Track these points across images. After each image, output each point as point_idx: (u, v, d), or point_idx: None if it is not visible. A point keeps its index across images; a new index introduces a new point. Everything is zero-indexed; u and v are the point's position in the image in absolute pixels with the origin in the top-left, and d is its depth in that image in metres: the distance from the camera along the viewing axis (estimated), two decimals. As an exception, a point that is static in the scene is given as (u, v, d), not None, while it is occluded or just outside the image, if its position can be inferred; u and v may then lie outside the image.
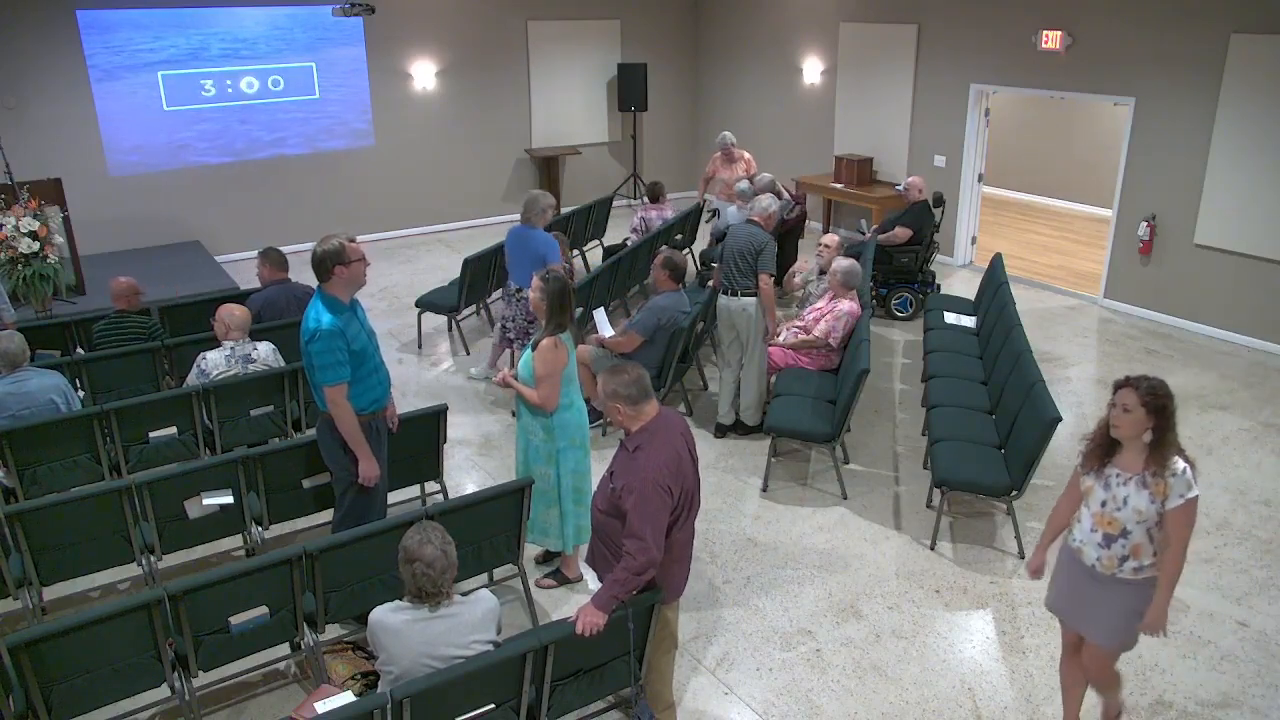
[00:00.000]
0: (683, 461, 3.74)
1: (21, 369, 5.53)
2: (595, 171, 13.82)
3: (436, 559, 3.25)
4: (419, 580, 3.26)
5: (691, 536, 3.95)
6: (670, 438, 3.74)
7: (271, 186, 11.85)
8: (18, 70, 10.24)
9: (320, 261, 4.42)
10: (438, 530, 3.33)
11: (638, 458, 3.66)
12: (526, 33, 13.04)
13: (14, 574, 4.57)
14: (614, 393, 3.72)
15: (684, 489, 3.72)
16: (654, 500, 3.59)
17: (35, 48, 10.30)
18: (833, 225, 12.34)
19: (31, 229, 8.22)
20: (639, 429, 3.73)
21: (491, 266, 8.90)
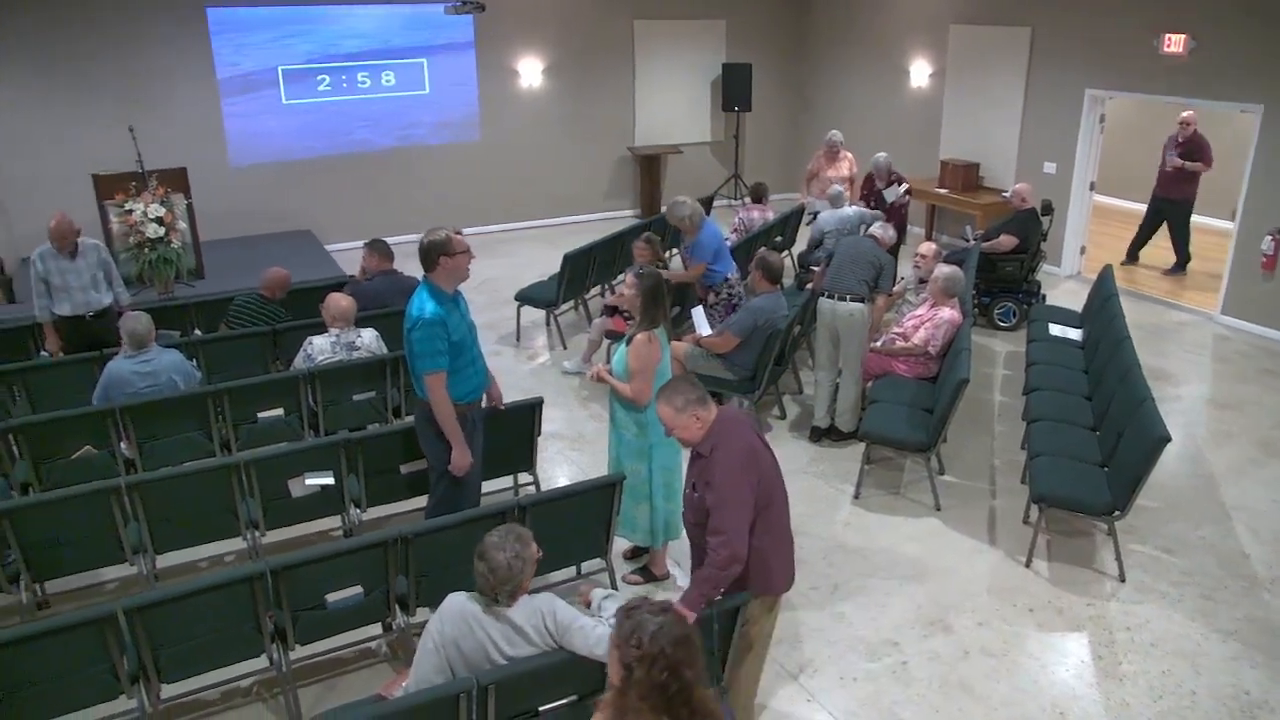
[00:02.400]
0: (758, 451, 3.73)
1: (148, 349, 5.82)
2: (696, 171, 13.83)
3: (500, 568, 3.26)
4: (480, 578, 3.32)
5: (784, 531, 3.91)
6: (739, 431, 3.73)
7: (380, 179, 12.19)
8: (151, 65, 10.77)
9: (426, 252, 4.54)
10: (519, 540, 3.33)
11: (713, 459, 3.67)
12: (632, 32, 13.13)
13: (131, 541, 4.82)
14: (685, 404, 3.71)
15: (763, 476, 3.70)
16: (734, 495, 3.59)
17: (168, 43, 10.82)
18: (935, 231, 12.10)
19: (158, 215, 8.64)
20: (708, 434, 3.73)
21: (590, 263, 8.99)
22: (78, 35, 10.41)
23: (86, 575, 5.18)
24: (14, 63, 10.26)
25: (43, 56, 10.34)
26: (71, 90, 10.49)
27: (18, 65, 10.28)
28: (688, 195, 7.77)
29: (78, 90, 10.51)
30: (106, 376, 5.77)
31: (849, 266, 6.67)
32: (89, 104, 10.49)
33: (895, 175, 9.74)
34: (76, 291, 6.88)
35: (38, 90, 10.40)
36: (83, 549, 4.79)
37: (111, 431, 5.57)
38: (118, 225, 8.75)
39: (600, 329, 8.01)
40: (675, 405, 3.72)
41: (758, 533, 3.68)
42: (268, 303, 7.03)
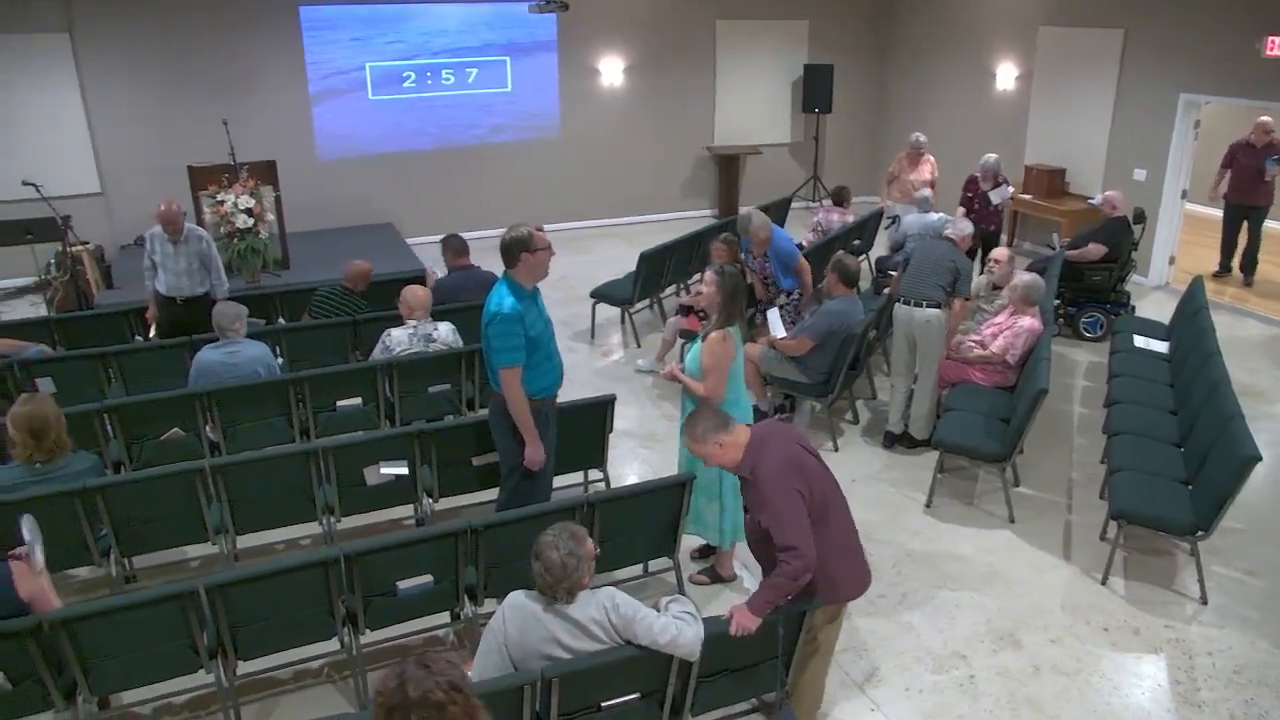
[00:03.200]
0: (802, 459, 3.70)
1: (235, 339, 6.01)
2: (775, 172, 13.75)
3: (554, 566, 3.29)
4: (537, 578, 3.35)
5: (845, 540, 3.87)
6: (779, 445, 3.71)
7: (460, 174, 12.38)
8: (246, 61, 11.12)
9: (508, 248, 4.59)
10: (573, 538, 3.34)
11: (756, 479, 3.66)
12: (714, 32, 13.11)
13: (213, 521, 4.98)
14: (704, 432, 3.72)
15: (812, 486, 3.67)
16: (786, 508, 3.57)
17: (262, 41, 11.17)
18: (1018, 238, 11.85)
19: (248, 206, 8.90)
20: (744, 455, 3.71)
21: (667, 262, 9.01)
22: (177, 33, 10.79)
23: (171, 552, 5.37)
24: (116, 59, 10.68)
25: (143, 53, 10.75)
26: (170, 86, 10.88)
27: (120, 61, 10.70)
28: (753, 207, 7.70)
29: (176, 85, 10.89)
30: (195, 366, 5.99)
31: (925, 271, 6.58)
32: (186, 99, 10.87)
33: (1002, 177, 9.56)
34: (171, 275, 7.14)
35: (138, 85, 10.81)
36: (168, 527, 4.97)
37: (199, 415, 5.76)
38: (210, 215, 9.04)
39: (674, 328, 8.03)
40: (694, 435, 3.74)
41: (818, 540, 3.65)
42: (349, 294, 7.19)
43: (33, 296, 10.32)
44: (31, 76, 10.40)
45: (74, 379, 6.42)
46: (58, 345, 7.27)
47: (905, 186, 10.15)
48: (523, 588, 3.51)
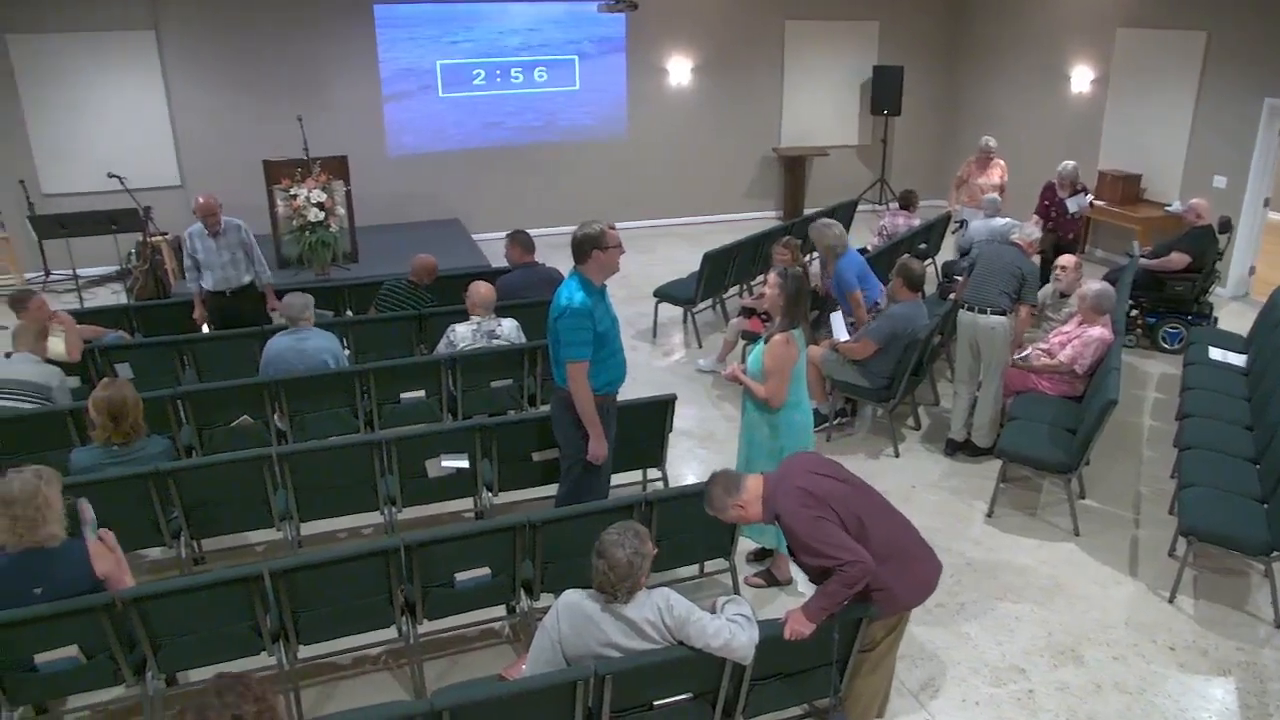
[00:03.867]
0: (813, 489, 3.64)
1: (303, 327, 6.14)
2: (841, 174, 13.64)
3: (620, 565, 3.30)
4: (599, 575, 3.36)
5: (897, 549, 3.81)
6: (788, 482, 3.68)
7: (527, 171, 12.49)
8: (321, 59, 11.36)
9: (580, 244, 4.62)
10: (637, 537, 3.36)
11: (783, 523, 3.65)
12: (783, 32, 13.04)
13: (279, 507, 5.09)
14: (719, 498, 3.72)
15: (835, 507, 3.62)
16: (819, 533, 3.55)
17: (337, 39, 11.41)
18: (1089, 245, 11.59)
19: (319, 200, 9.09)
20: (763, 506, 3.70)
21: (730, 263, 8.99)
22: (256, 31, 11.07)
23: (237, 536, 5.51)
24: (198, 56, 10.99)
25: (224, 51, 11.05)
26: (248, 82, 11.16)
27: (201, 58, 11.01)
28: (830, 220, 7.56)
29: (253, 82, 11.17)
30: (266, 352, 6.14)
31: (990, 277, 6.46)
32: (263, 94, 11.14)
33: (1081, 185, 9.37)
34: (217, 268, 7.30)
35: (218, 82, 11.11)
36: (236, 511, 5.10)
37: (267, 403, 5.89)
38: (283, 208, 9.25)
39: (736, 329, 8.01)
40: (713, 507, 3.75)
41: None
42: (416, 288, 7.30)
43: (114, 285, 10.67)
44: (119, 72, 10.76)
45: (150, 365, 6.62)
46: (136, 332, 7.51)
47: (974, 191, 10.00)
48: (578, 584, 3.54)
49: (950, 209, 10.56)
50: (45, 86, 10.56)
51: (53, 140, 10.72)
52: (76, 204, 10.14)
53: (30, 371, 5.74)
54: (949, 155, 13.75)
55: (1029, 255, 6.71)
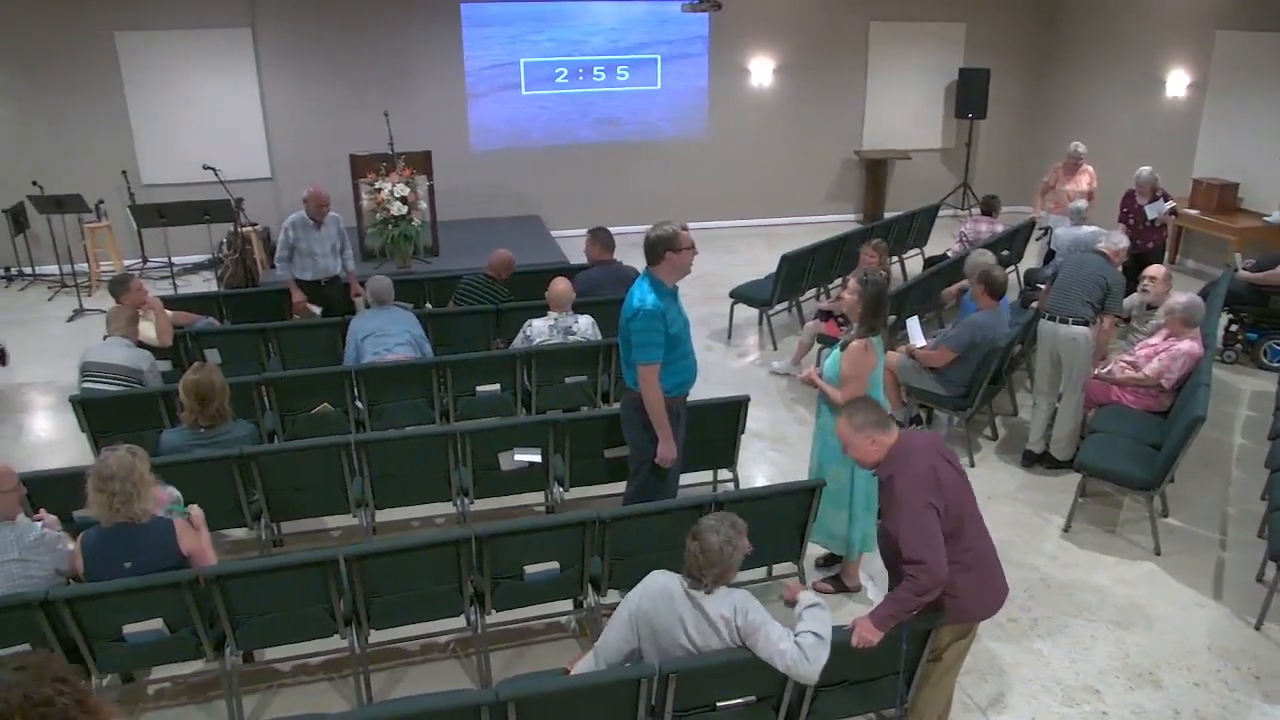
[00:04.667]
0: (941, 474, 3.60)
1: (388, 307, 6.32)
2: (923, 178, 13.43)
3: (712, 550, 3.32)
4: (690, 558, 3.38)
5: (978, 558, 3.76)
6: (921, 455, 3.62)
7: (607, 170, 12.57)
8: (408, 55, 11.60)
9: (653, 246, 4.63)
10: (734, 528, 3.37)
11: (893, 485, 3.59)
12: (868, 33, 12.89)
13: (355, 494, 5.21)
14: (863, 424, 3.67)
15: (949, 501, 3.58)
16: (917, 520, 3.49)
17: (424, 36, 11.63)
18: (1180, 255, 11.23)
19: (403, 194, 9.26)
20: (887, 458, 3.66)
21: (808, 265, 8.92)
22: (347, 28, 11.35)
23: (315, 521, 5.65)
24: (291, 53, 11.31)
25: (316, 47, 11.35)
26: (338, 78, 11.45)
27: (294, 55, 11.33)
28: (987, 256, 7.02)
29: (343, 78, 11.45)
30: (353, 329, 6.31)
31: (1073, 287, 6.30)
32: (351, 90, 11.41)
33: (1161, 191, 9.09)
34: (319, 258, 7.49)
35: (309, 78, 11.41)
36: (314, 496, 5.23)
37: (347, 392, 6.03)
38: (367, 202, 9.45)
39: (812, 332, 7.95)
40: (854, 424, 3.69)
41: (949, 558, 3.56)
42: (492, 282, 7.39)
43: (206, 273, 11.03)
44: (216, 68, 11.14)
45: (238, 351, 6.83)
46: (225, 319, 7.74)
47: (1061, 197, 9.75)
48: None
49: (1035, 215, 10.32)
50: (148, 81, 10.98)
51: (153, 133, 11.14)
52: (173, 194, 10.49)
53: (122, 356, 5.96)
54: (1034, 160, 13.43)
55: (1114, 264, 6.53)
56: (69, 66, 10.76)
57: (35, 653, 2.43)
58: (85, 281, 10.50)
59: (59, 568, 3.95)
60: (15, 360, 8.01)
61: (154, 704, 4.46)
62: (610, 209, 12.04)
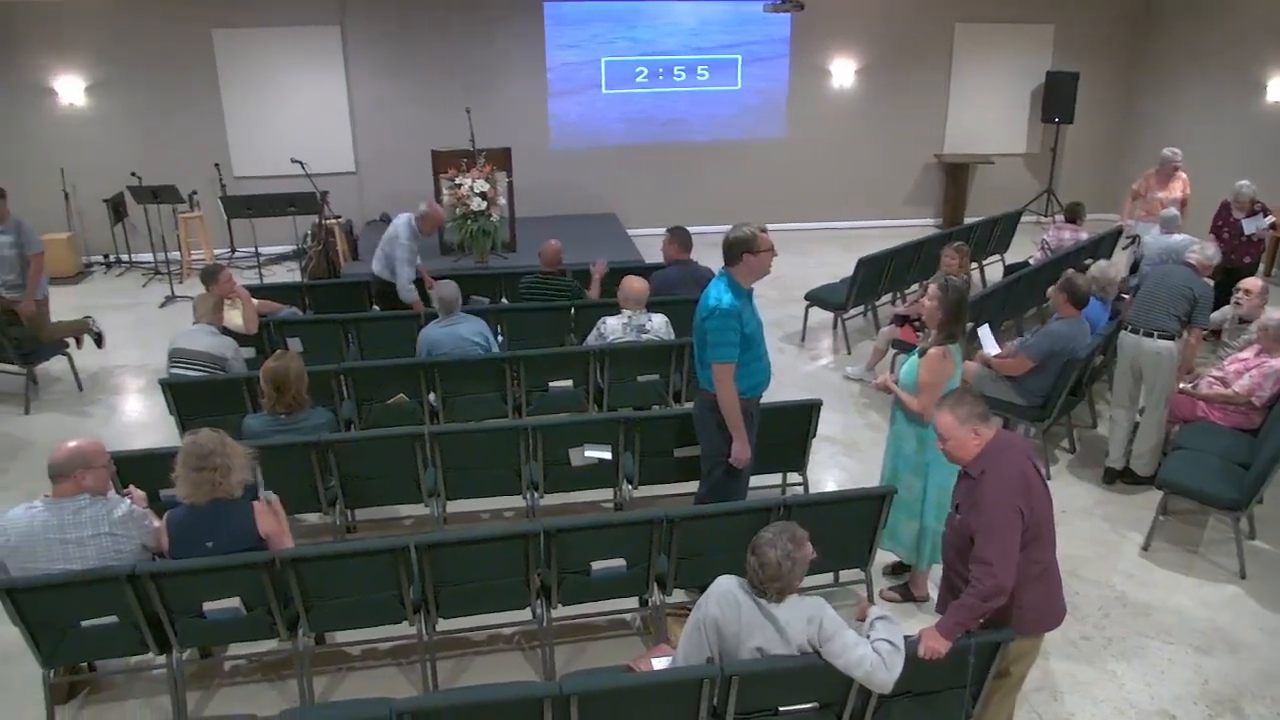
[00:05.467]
0: (1031, 480, 3.52)
1: (454, 314, 6.38)
2: (1006, 183, 13.15)
3: (770, 565, 3.30)
4: (750, 571, 3.37)
5: (1050, 569, 3.68)
6: (1014, 457, 3.54)
7: (684, 169, 12.57)
8: (491, 53, 11.75)
9: (730, 246, 4.63)
10: (793, 540, 3.35)
11: (983, 481, 3.51)
12: (952, 35, 12.68)
13: (427, 484, 5.30)
14: (968, 416, 3.59)
15: (1034, 509, 3.50)
16: (1002, 521, 3.43)
17: (507, 34, 11.78)
18: (1277, 269, 10.81)
19: (483, 190, 9.38)
20: (980, 454, 3.57)
21: (885, 269, 8.81)
22: (432, 26, 11.55)
23: (387, 509, 5.76)
24: (378, 50, 11.56)
25: (402, 45, 11.58)
26: (422, 75, 11.67)
27: (381, 52, 11.57)
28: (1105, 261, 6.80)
29: (427, 75, 11.66)
30: (422, 341, 6.40)
31: (1158, 298, 6.11)
32: (435, 87, 11.61)
33: (1259, 205, 8.77)
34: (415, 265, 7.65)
35: (394, 74, 11.64)
36: (388, 485, 5.33)
37: (422, 384, 6.13)
38: (447, 197, 9.59)
39: (887, 337, 7.85)
40: (959, 415, 3.60)
41: (1020, 566, 3.49)
42: (549, 276, 7.45)
43: (290, 263, 11.32)
44: (306, 65, 11.45)
45: (318, 340, 7.00)
46: (307, 309, 7.94)
47: (1151, 205, 9.44)
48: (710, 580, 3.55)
49: (1122, 223, 10.03)
50: (242, 77, 11.33)
51: (245, 127, 11.48)
52: (262, 186, 10.80)
53: (207, 343, 6.15)
54: (1122, 167, 13.06)
55: (1202, 276, 6.32)
56: (169, 63, 11.16)
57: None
58: (177, 269, 10.87)
59: (145, 543, 4.10)
60: (110, 343, 8.33)
61: (229, 680, 4.61)
62: (687, 208, 12.03)
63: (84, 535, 3.95)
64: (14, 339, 7.35)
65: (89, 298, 10.29)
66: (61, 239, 10.95)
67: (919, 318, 5.67)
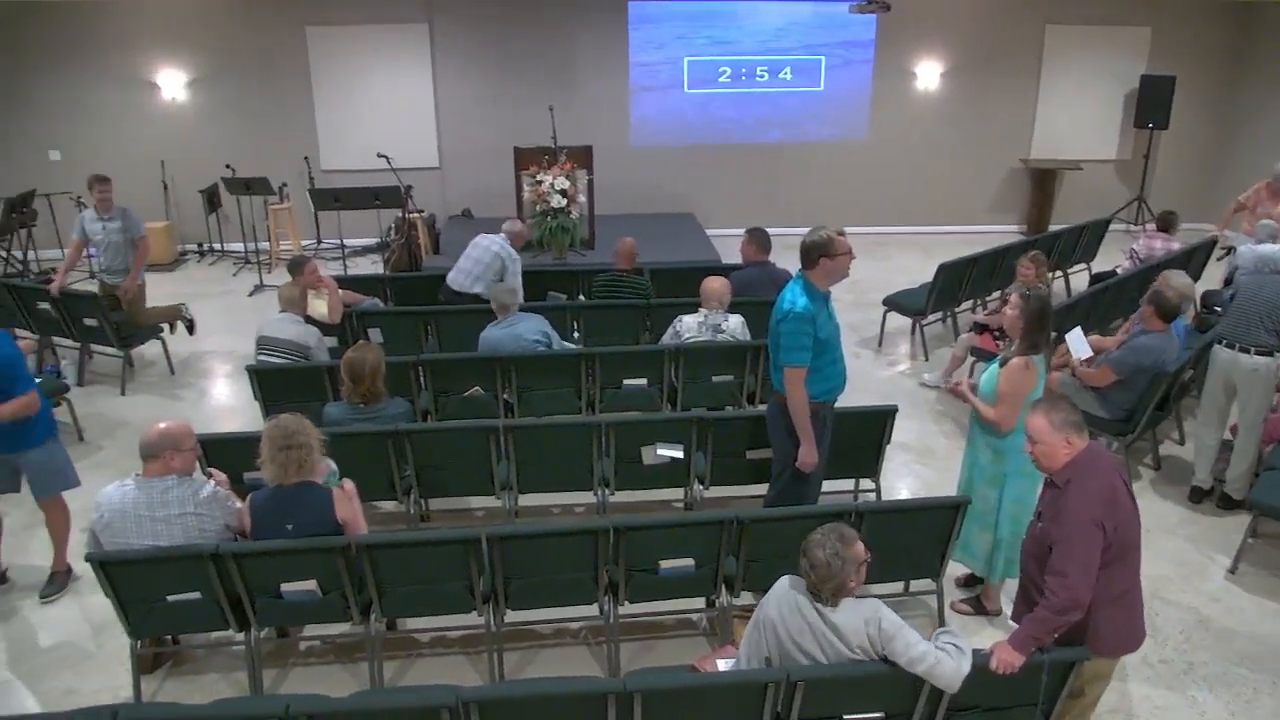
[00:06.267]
0: (1119, 497, 3.43)
1: (511, 314, 6.46)
2: (1095, 190, 12.79)
3: (819, 565, 3.28)
4: (803, 574, 3.36)
5: (1133, 587, 3.58)
6: (1104, 470, 3.45)
7: (763, 170, 12.51)
8: (575, 52, 11.89)
9: (808, 250, 4.60)
10: (841, 539, 3.32)
11: (1068, 491, 3.43)
12: (1043, 37, 12.38)
13: (500, 477, 5.37)
14: (1063, 423, 3.50)
15: (1119, 526, 3.41)
16: (1083, 535, 3.35)
17: (591, 33, 11.88)
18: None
19: (563, 187, 9.47)
20: (1069, 464, 3.49)
21: (966, 276, 8.66)
22: (517, 24, 11.70)
23: (460, 500, 5.86)
24: (464, 48, 11.75)
25: (487, 43, 11.77)
26: (506, 73, 11.82)
27: (467, 50, 11.77)
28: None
29: (511, 73, 11.81)
30: (482, 342, 6.47)
31: (1253, 311, 5.86)
32: (518, 85, 11.75)
33: None
34: None
35: (479, 72, 11.83)
36: (461, 476, 5.42)
37: (498, 378, 6.21)
38: (528, 193, 9.70)
39: (966, 344, 7.71)
40: (1053, 421, 3.51)
41: (1100, 585, 3.40)
42: (624, 274, 7.47)
43: (373, 255, 11.57)
44: (394, 62, 11.70)
45: (399, 332, 7.14)
46: (388, 300, 8.10)
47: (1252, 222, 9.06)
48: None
49: (1218, 233, 9.69)
50: (332, 73, 11.62)
51: (334, 121, 11.78)
52: (348, 180, 11.06)
53: (292, 331, 6.34)
54: (1221, 176, 12.62)
55: None
56: (265, 59, 11.53)
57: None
58: (266, 259, 11.19)
59: (228, 523, 4.23)
60: (201, 330, 8.63)
61: (303, 660, 4.73)
62: (765, 209, 11.99)
63: (171, 514, 4.10)
64: (114, 323, 7.65)
65: (183, 285, 10.66)
66: (159, 228, 11.36)
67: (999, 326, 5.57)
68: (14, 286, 8.01)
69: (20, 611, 5.09)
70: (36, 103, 11.39)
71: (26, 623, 5.01)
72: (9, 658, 4.73)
